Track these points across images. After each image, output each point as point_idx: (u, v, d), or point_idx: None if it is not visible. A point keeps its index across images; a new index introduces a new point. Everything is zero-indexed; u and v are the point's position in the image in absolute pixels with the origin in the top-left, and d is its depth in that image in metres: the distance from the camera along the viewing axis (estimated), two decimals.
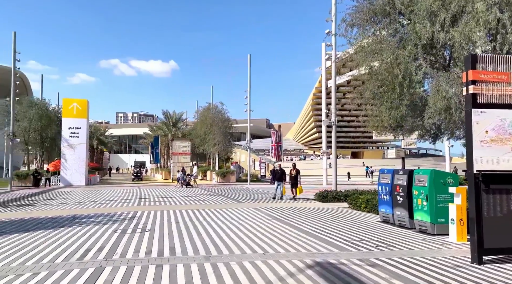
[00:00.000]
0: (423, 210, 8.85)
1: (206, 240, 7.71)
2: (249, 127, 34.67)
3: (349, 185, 30.58)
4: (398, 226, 9.83)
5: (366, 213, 12.59)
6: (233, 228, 9.22)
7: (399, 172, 9.96)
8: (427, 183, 8.75)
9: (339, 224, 10.20)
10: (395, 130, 11.13)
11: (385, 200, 10.45)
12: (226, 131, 39.24)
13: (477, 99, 6.15)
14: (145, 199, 17.99)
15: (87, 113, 34.77)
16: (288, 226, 9.65)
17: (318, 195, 17.19)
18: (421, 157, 69.09)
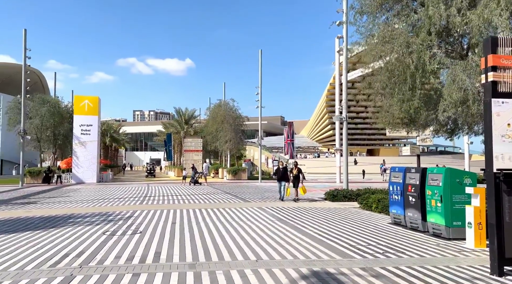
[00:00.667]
0: (437, 212, 8.08)
1: (197, 244, 7.16)
2: (260, 124, 34.05)
3: (363, 183, 29.65)
4: (410, 229, 9.08)
5: (377, 214, 11.84)
6: (230, 230, 8.64)
7: (411, 170, 9.19)
8: (441, 182, 7.99)
9: (346, 226, 9.51)
10: (408, 126, 10.33)
11: (396, 200, 9.70)
12: (237, 128, 38.70)
13: (498, 88, 5.39)
14: (150, 197, 17.61)
15: (98, 111, 34.76)
16: (291, 228, 9.02)
17: (328, 194, 16.49)
18: (439, 154, 67.04)
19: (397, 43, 8.32)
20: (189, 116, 49.56)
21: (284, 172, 16.02)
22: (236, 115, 39.16)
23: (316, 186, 26.93)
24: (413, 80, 8.29)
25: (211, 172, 47.33)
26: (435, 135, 11.43)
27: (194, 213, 11.71)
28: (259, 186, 25.94)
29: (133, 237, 7.61)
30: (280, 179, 16.01)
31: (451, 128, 11.10)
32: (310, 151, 75.43)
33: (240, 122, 39.39)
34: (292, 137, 42.21)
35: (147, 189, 23.45)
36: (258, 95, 33.72)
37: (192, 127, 49.17)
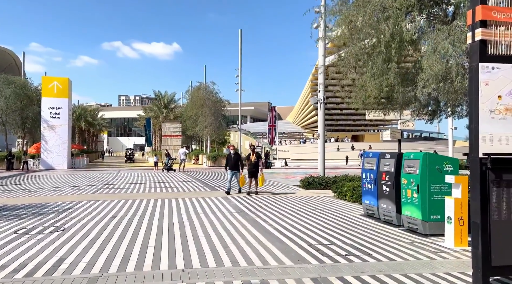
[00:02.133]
0: (413, 203, 6.98)
1: (122, 246, 5.90)
2: (239, 108, 32.70)
3: (345, 170, 28.74)
4: (383, 222, 7.99)
5: (352, 204, 10.77)
6: (175, 227, 7.42)
7: (386, 156, 8.06)
8: (418, 170, 6.86)
9: (313, 218, 8.37)
10: (384, 106, 9.16)
11: (370, 189, 8.59)
12: (218, 112, 37.24)
13: (488, 49, 4.19)
14: (111, 185, 16.26)
15: (68, 93, 32.87)
16: (249, 223, 7.84)
17: (303, 181, 15.39)
18: (424, 140, 66.75)
19: (371, 6, 7.06)
20: (169, 100, 47.78)
21: (237, 159, 13.07)
22: (217, 99, 37.66)
23: (296, 172, 25.93)
24: (389, 51, 7.08)
25: (191, 158, 46.03)
26: (415, 117, 10.31)
27: (146, 204, 10.45)
28: None
29: (48, 237, 6.31)
30: (232, 167, 12.96)
31: (433, 109, 9.99)
32: (295, 137, 74.52)
33: (220, 106, 37.92)
34: (275, 123, 40.98)
35: (116, 175, 22.06)
36: (238, 78, 32.27)
37: (172, 111, 47.48)
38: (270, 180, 18.98)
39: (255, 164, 12.79)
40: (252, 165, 12.79)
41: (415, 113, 10.08)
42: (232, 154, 13.14)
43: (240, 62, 32.03)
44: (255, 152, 13.01)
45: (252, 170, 12.85)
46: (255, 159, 12.82)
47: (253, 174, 12.83)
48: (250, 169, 12.87)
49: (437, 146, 56.75)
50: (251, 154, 13.09)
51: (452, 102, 8.85)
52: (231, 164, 13.00)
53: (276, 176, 22.20)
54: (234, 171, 12.98)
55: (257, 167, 12.77)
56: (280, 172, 26.68)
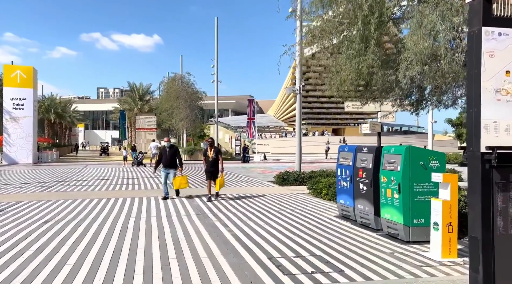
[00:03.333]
0: (394, 205, 6.01)
1: (31, 264, 4.71)
2: (216, 100, 31.42)
3: (324, 164, 27.95)
4: (360, 225, 7.01)
5: (327, 202, 9.80)
6: (114, 235, 6.25)
7: (363, 150, 7.07)
8: (400, 166, 5.88)
9: (281, 221, 7.33)
10: (362, 93, 8.16)
11: (345, 187, 7.60)
12: (193, 105, 35.83)
13: (493, 10, 3.18)
14: (72, 181, 14.86)
15: (33, 83, 30.87)
16: (207, 228, 6.75)
17: (278, 177, 14.37)
18: (404, 134, 66.87)
19: None
20: (144, 92, 45.96)
21: (172, 154, 10.44)
22: (193, 90, 36.23)
23: (274, 167, 24.93)
24: (367, 28, 6.04)
25: None
26: (397, 108, 9.36)
27: (95, 204, 9.21)
28: None
29: None
30: (166, 164, 10.39)
31: (416, 99, 9.07)
32: (276, 131, 73.64)
33: (197, 98, 36.51)
34: (253, 116, 39.84)
35: (81, 171, 20.56)
36: (214, 68, 30.94)
37: (148, 104, 45.71)
38: (245, 175, 17.93)
39: (214, 162, 10.14)
40: (210, 162, 10.16)
41: (397, 104, 9.13)
42: (166, 147, 10.52)
43: (217, 53, 30.69)
44: (214, 146, 10.31)
45: (210, 169, 10.20)
46: (213, 156, 10.11)
47: (212, 174, 10.20)
48: (208, 168, 10.23)
49: (417, 139, 56.84)
50: (208, 149, 10.30)
51: (438, 89, 7.93)
52: (165, 159, 10.34)
53: (252, 171, 21.16)
54: (168, 169, 10.38)
55: (216, 165, 10.15)
56: (258, 167, 25.65)
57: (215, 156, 10.16)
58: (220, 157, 10.28)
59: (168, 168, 10.40)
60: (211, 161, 10.17)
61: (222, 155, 10.64)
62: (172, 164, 10.38)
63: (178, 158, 10.48)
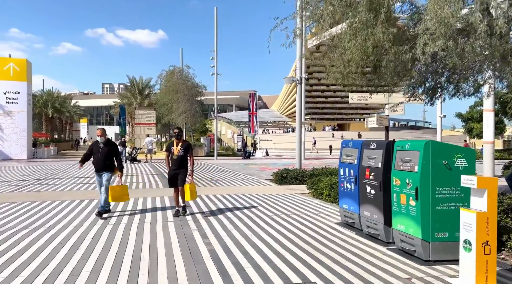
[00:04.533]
0: (409, 214, 4.82)
1: None
2: (215, 94, 30.22)
3: (327, 160, 26.79)
4: (366, 236, 5.83)
5: (328, 205, 8.63)
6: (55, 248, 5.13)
7: (371, 145, 5.87)
8: (417, 166, 4.69)
9: (274, 229, 6.18)
10: (370, 79, 6.93)
11: (349, 190, 6.41)
12: (193, 99, 34.68)
13: None
14: (56, 179, 13.81)
15: (27, 76, 29.84)
16: (182, 240, 5.63)
17: (276, 175, 13.21)
18: (410, 129, 65.20)
19: None
20: (144, 86, 44.85)
21: (107, 154, 7.24)
22: (192, 84, 35.06)
23: (275, 163, 23.76)
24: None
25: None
26: (409, 98, 8.12)
27: (62, 207, 8.12)
28: (210, 165, 22.43)
29: None
30: (98, 166, 7.27)
31: (432, 87, 7.83)
32: (280, 126, 72.40)
33: (196, 92, 35.34)
34: (256, 110, 38.64)
35: (72, 167, 19.52)
36: (214, 60, 29.71)
37: (148, 98, 44.61)
38: (243, 172, 16.79)
39: (180, 161, 7.17)
40: (175, 161, 7.16)
41: (409, 92, 7.90)
42: (100, 142, 7.23)
43: (216, 44, 29.44)
44: (182, 139, 7.31)
45: (174, 171, 7.18)
46: (180, 152, 7.16)
47: (175, 178, 7.21)
48: (172, 169, 7.22)
49: (424, 135, 55.36)
50: (174, 143, 7.31)
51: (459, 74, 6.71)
52: (96, 160, 7.22)
53: (251, 168, 20.02)
54: (100, 173, 7.22)
55: (183, 166, 7.22)
56: (258, 163, 24.49)
57: (182, 153, 7.16)
58: (191, 154, 7.29)
59: (100, 171, 7.22)
60: (176, 159, 7.14)
61: (193, 152, 7.57)
62: (107, 167, 7.20)
63: (116, 158, 7.38)
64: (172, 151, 7.26)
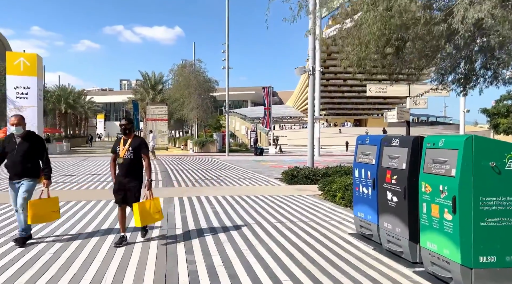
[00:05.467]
0: (444, 230, 3.74)
1: None
2: (227, 89, 29.30)
3: (344, 157, 25.54)
4: (387, 253, 4.76)
5: (342, 209, 7.57)
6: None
7: (393, 142, 4.78)
8: (456, 169, 3.60)
9: (274, 244, 5.18)
10: (390, 64, 5.80)
11: (365, 195, 5.34)
12: (205, 93, 33.83)
13: None
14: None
15: (38, 71, 29.54)
16: (153, 256, 4.70)
17: (286, 173, 12.16)
18: (430, 124, 62.86)
19: None
20: (156, 81, 44.29)
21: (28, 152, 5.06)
22: (204, 79, 34.21)
23: (288, 160, 22.68)
24: None
25: (180, 144, 42.92)
26: (438, 86, 6.96)
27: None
28: (219, 161, 21.54)
29: None
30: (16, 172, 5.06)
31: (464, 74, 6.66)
32: (295, 122, 71.11)
33: (208, 87, 34.47)
34: (269, 105, 37.56)
35: (76, 163, 18.95)
36: (225, 53, 28.73)
37: (160, 93, 44.05)
38: (252, 170, 15.81)
39: (130, 166, 5.07)
40: (123, 167, 5.08)
41: (438, 80, 6.75)
42: (16, 136, 5.07)
43: (228, 36, 28.43)
44: (131, 136, 5.18)
45: (121, 182, 5.11)
46: (128, 154, 5.04)
47: (124, 191, 5.10)
48: (118, 179, 5.16)
49: (445, 131, 53.30)
50: (121, 141, 5.20)
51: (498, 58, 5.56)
52: (10, 162, 5.06)
53: (262, 165, 19.02)
54: (17, 181, 5.07)
55: (134, 174, 5.11)
56: (270, 160, 23.46)
57: (131, 155, 5.01)
58: (145, 156, 5.12)
59: (18, 179, 5.04)
60: (123, 165, 5.03)
61: (149, 153, 5.38)
62: (27, 172, 5.04)
63: (42, 159, 5.22)
64: (117, 151, 5.09)
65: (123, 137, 5.23)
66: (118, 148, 5.13)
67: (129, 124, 5.20)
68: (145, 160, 5.15)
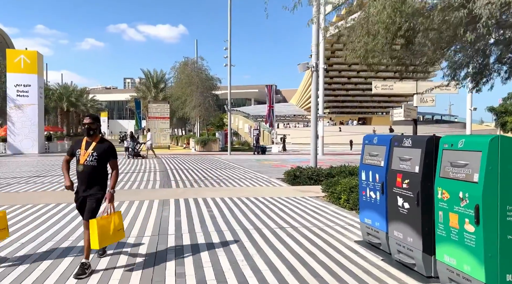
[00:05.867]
0: (465, 243, 3.28)
1: None
2: (229, 85, 28.86)
3: (349, 156, 25.07)
4: (397, 264, 4.31)
5: (347, 213, 7.13)
6: None
7: (405, 142, 4.32)
8: (479, 173, 3.14)
9: (271, 252, 4.75)
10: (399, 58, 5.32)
11: (373, 200, 4.89)
12: (207, 91, 33.41)
13: None
14: (39, 177, 12.77)
15: (38, 68, 29.23)
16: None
17: (288, 174, 11.71)
18: (436, 123, 62.04)
19: None
20: (158, 79, 43.93)
21: None
22: (206, 76, 33.78)
23: (291, 160, 22.24)
24: None
25: (183, 142, 42.57)
26: (449, 81, 6.49)
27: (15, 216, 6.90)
28: (221, 160, 21.12)
29: None
30: None
31: (478, 68, 6.19)
32: (298, 120, 70.55)
33: (211, 85, 34.04)
34: (272, 104, 37.07)
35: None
36: (227, 50, 28.27)
37: (163, 91, 43.70)
38: (253, 170, 15.37)
39: (91, 175, 4.16)
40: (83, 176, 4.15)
41: (451, 75, 6.27)
42: None
43: (229, 32, 27.95)
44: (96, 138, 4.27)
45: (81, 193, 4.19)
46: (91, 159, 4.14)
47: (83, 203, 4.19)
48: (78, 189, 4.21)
49: (450, 129, 52.58)
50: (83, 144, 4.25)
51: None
52: None
53: (264, 164, 18.58)
54: None
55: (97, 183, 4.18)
56: (272, 159, 23.01)
57: (94, 162, 4.12)
58: (114, 165, 4.30)
59: None
60: (83, 173, 4.12)
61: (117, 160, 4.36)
62: None
63: None
64: (77, 156, 4.15)
65: (85, 138, 4.22)
66: (79, 152, 4.13)
67: (95, 123, 4.23)
68: (113, 169, 4.25)
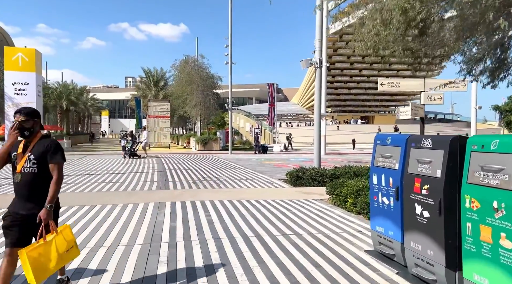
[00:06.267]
0: (499, 262, 2.81)
1: None
2: (230, 83, 28.40)
3: (352, 155, 24.59)
4: (414, 280, 3.85)
5: (354, 218, 6.66)
6: None
7: (424, 143, 3.85)
8: None
9: (273, 262, 4.30)
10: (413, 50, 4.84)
11: (385, 207, 4.42)
12: (208, 90, 32.93)
13: None
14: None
15: (36, 66, 28.69)
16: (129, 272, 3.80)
17: (290, 174, 11.24)
18: (439, 122, 61.47)
19: None
20: (159, 77, 43.47)
21: None
22: (207, 75, 33.28)
23: (293, 159, 21.78)
24: None
25: (183, 141, 42.11)
26: (465, 76, 6.01)
27: None
28: (221, 160, 20.67)
29: None
30: None
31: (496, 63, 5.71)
32: (299, 119, 70.06)
33: (211, 83, 33.55)
34: (274, 102, 36.65)
35: (69, 163, 18.19)
36: (228, 48, 27.79)
37: (163, 90, 43.22)
38: (254, 170, 14.91)
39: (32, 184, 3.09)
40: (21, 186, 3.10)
41: (467, 69, 5.80)
42: None
43: (230, 30, 27.48)
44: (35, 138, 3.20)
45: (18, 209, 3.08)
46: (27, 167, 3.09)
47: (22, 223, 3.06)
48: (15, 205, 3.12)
49: (454, 128, 52.03)
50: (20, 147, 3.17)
51: None
52: None
53: (265, 164, 18.11)
54: None
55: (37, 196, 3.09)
56: (274, 159, 22.54)
57: (34, 168, 3.09)
58: (55, 166, 3.12)
59: None
60: (21, 183, 3.09)
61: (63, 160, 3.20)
62: None
63: None
64: (13, 162, 3.17)
65: (22, 141, 3.19)
66: (15, 156, 3.13)
67: (30, 120, 3.12)
68: (54, 172, 3.10)
